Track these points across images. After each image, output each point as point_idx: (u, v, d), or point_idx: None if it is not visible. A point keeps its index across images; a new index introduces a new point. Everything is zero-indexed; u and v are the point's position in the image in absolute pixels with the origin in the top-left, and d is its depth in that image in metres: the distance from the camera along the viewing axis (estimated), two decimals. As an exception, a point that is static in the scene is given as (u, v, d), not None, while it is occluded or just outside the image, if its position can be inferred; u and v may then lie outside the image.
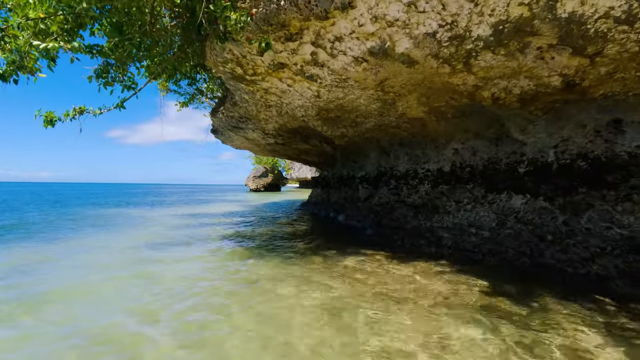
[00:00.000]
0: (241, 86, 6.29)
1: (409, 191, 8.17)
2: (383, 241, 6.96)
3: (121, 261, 5.48)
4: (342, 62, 4.69)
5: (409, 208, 7.64)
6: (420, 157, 8.03)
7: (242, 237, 7.85)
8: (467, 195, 6.82)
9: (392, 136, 8.15)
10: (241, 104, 8.04)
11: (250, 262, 5.31)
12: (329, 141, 10.83)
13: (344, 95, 6.01)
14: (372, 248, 6.22)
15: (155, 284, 4.21)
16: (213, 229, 9.14)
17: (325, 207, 13.20)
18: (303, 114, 7.66)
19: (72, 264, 5.35)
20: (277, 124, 9.51)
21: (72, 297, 3.79)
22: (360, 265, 4.99)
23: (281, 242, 7.08)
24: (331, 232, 8.53)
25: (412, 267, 4.95)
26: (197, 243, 6.95)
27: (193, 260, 5.48)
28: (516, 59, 3.84)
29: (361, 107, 6.64)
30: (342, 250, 6.09)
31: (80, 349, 2.55)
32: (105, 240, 7.44)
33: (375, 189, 10.31)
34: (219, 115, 10.22)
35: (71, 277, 4.60)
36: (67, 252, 6.19)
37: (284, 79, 5.53)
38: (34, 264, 5.20)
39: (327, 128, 8.83)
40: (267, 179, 48.49)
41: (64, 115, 5.70)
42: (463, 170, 7.02)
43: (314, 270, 4.78)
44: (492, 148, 6.43)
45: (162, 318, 3.15)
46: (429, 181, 7.48)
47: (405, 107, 6.24)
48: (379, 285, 4.09)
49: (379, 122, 7.45)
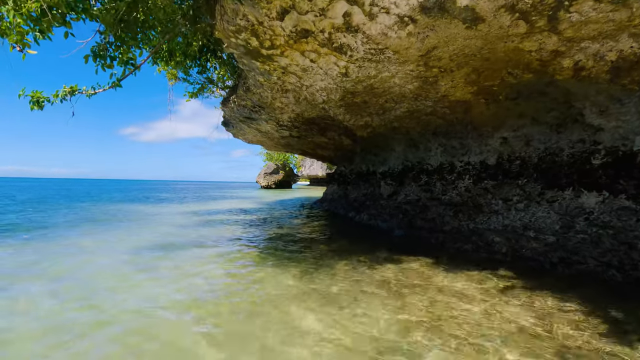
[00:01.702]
0: (256, 65, 5.44)
1: (444, 187, 7.18)
2: (418, 245, 6.02)
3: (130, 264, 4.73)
4: (382, 25, 3.76)
5: (446, 207, 6.66)
6: (457, 148, 7.02)
7: (257, 238, 7.03)
8: (518, 193, 5.81)
9: (425, 125, 7.17)
10: (255, 90, 7.20)
11: (267, 272, 4.47)
12: (349, 133, 9.91)
13: (377, 72, 5.08)
14: (407, 253, 5.29)
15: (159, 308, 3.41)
16: (226, 229, 8.36)
17: (343, 205, 12.30)
18: (324, 100, 6.76)
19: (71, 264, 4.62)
20: (294, 113, 8.65)
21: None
22: (403, 278, 4.07)
23: (300, 245, 6.22)
24: (354, 234, 7.63)
25: (466, 279, 4.01)
26: (210, 246, 6.15)
27: (203, 271, 4.67)
28: (628, 6, 2.84)
29: (394, 89, 5.70)
30: (372, 255, 5.19)
31: None
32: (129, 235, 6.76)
33: (400, 185, 9.35)
34: (230, 105, 9.43)
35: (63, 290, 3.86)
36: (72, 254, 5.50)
37: (306, 52, 4.64)
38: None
39: (349, 117, 7.91)
40: (278, 175, 47.87)
41: (53, 95, 4.97)
42: (512, 163, 6.00)
43: (344, 284, 3.89)
44: (551, 136, 5.40)
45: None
46: (470, 176, 6.48)
47: (448, 88, 5.27)
48: (436, 309, 3.17)
49: (411, 108, 6.48)
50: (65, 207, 13.90)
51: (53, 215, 10.81)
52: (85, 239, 6.73)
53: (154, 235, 7.24)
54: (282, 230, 8.03)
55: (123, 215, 11.45)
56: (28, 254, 5.35)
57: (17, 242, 6.31)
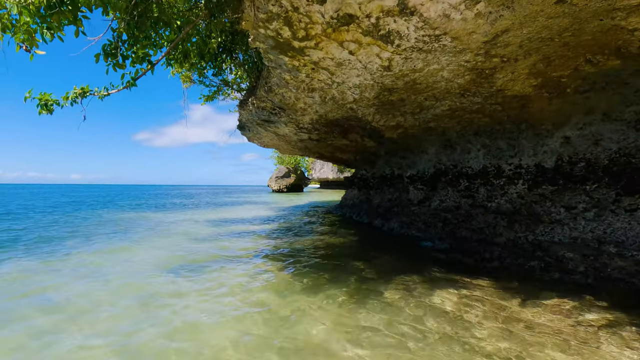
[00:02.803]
0: (284, 61, 4.85)
1: (489, 193, 6.44)
2: (468, 260, 5.30)
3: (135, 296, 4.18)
4: (446, 4, 3.11)
5: (496, 216, 5.91)
6: (504, 149, 6.28)
7: (282, 254, 6.40)
8: (584, 199, 5.04)
9: (467, 124, 6.46)
10: (277, 90, 6.62)
11: (304, 302, 3.83)
12: (375, 135, 9.24)
13: (424, 65, 4.42)
14: (462, 272, 4.59)
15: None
16: (243, 241, 7.79)
17: (367, 212, 11.61)
18: (356, 99, 6.13)
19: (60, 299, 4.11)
20: (316, 115, 8.04)
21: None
22: (471, 309, 3.38)
23: (330, 262, 5.57)
24: (389, 246, 6.94)
25: (550, 309, 3.29)
26: (228, 267, 5.56)
27: (224, 295, 4.08)
28: None
29: (439, 84, 5.02)
30: (422, 277, 4.50)
31: None
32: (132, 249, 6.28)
33: (433, 190, 8.62)
34: (248, 107, 8.89)
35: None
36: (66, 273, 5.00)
37: (345, 42, 4.02)
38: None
39: (379, 117, 7.26)
40: (289, 179, 47.41)
41: (62, 98, 4.48)
42: (574, 165, 5.23)
43: (400, 318, 3.23)
44: (628, 134, 4.63)
45: None
46: (524, 181, 5.72)
47: (506, 81, 4.57)
48: (532, 357, 2.48)
49: (454, 106, 5.79)
50: (112, 214, 13.63)
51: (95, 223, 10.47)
52: (101, 257, 6.25)
53: (173, 250, 6.71)
54: (307, 243, 7.40)
55: (143, 226, 11.04)
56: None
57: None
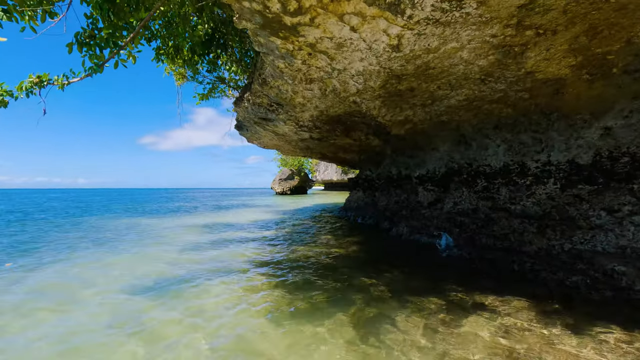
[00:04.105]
0: (275, 44, 4.19)
1: (512, 194, 5.68)
2: (497, 274, 4.55)
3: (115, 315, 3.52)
4: (474, -46, 2.41)
5: (522, 220, 5.15)
6: (528, 145, 5.53)
7: (276, 267, 5.69)
8: (630, 201, 4.28)
9: (486, 117, 5.73)
10: (273, 82, 5.97)
11: (307, 332, 3.14)
12: (380, 132, 8.54)
13: (440, 43, 3.72)
14: (492, 291, 3.85)
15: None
16: (238, 250, 7.10)
17: (373, 215, 10.88)
18: (359, 89, 5.44)
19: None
20: (317, 111, 7.38)
21: None
22: (511, 344, 2.65)
23: (334, 277, 4.85)
24: (400, 255, 6.19)
25: (614, 348, 2.55)
26: (213, 284, 4.86)
27: (199, 328, 3.40)
28: None
29: (456, 69, 4.32)
30: (445, 298, 3.77)
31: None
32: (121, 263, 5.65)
33: (444, 192, 7.88)
34: (244, 104, 8.25)
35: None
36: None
37: (347, 15, 3.34)
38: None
39: (386, 111, 6.56)
40: (293, 181, 46.80)
41: (16, 88, 3.85)
42: (616, 161, 4.47)
43: (420, 353, 2.52)
44: (687, 122, 3.87)
45: None
46: (555, 180, 4.97)
47: (539, 61, 3.84)
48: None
49: (472, 95, 5.07)
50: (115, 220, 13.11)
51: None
52: (64, 275, 5.63)
53: (154, 263, 6.07)
54: (311, 252, 6.69)
55: (140, 233, 10.45)
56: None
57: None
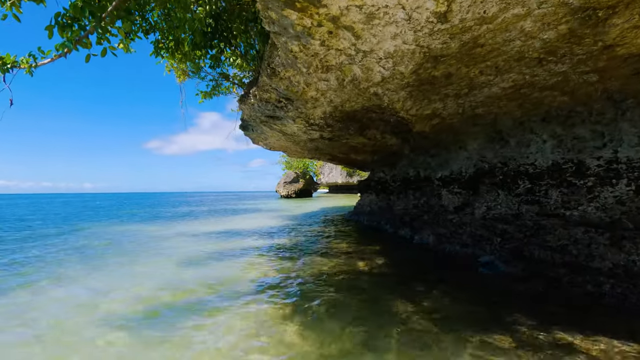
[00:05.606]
0: (290, 20, 3.42)
1: (565, 198, 4.84)
2: (560, 297, 3.71)
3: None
4: None
5: (587, 230, 4.30)
6: (586, 139, 4.69)
7: (284, 286, 4.82)
8: None
9: (533, 107, 4.90)
10: (284, 72, 5.21)
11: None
12: (400, 129, 7.74)
13: (499, 10, 2.92)
14: (563, 321, 3.02)
15: None
16: (240, 265, 6.27)
17: (388, 219, 10.04)
18: (385, 77, 4.66)
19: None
20: (330, 106, 6.61)
21: None
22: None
23: (356, 300, 4.00)
24: (433, 269, 5.36)
25: None
26: (206, 313, 4.05)
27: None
28: None
29: (511, 45, 3.51)
30: (502, 326, 2.97)
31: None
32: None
33: (474, 195, 7.04)
34: (250, 101, 7.51)
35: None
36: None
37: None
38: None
39: (411, 104, 5.77)
40: (298, 184, 46.07)
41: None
42: None
43: None
44: None
45: None
46: (629, 180, 4.12)
47: (627, 29, 3.03)
48: None
49: (522, 81, 4.26)
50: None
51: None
52: (43, 297, 4.87)
53: (145, 283, 5.31)
54: (326, 266, 5.87)
55: (144, 245, 9.73)
56: None
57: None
